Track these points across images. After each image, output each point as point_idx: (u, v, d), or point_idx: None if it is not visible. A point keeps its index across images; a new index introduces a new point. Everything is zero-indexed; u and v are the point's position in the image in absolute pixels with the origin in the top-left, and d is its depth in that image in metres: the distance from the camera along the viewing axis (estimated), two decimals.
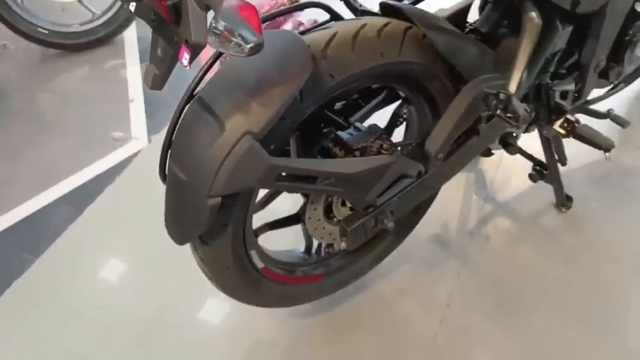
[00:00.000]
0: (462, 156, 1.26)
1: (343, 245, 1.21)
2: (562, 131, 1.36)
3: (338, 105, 1.26)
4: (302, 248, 1.38)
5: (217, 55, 1.03)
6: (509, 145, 1.40)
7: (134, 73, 2.33)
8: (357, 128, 1.17)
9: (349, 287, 1.47)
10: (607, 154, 1.32)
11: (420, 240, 1.62)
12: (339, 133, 1.16)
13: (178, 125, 1.02)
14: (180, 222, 1.04)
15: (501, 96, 1.08)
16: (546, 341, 1.40)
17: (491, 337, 1.41)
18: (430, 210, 1.54)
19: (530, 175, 1.65)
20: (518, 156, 1.66)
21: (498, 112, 1.12)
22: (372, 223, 1.19)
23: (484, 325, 1.43)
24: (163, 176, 1.05)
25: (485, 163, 1.85)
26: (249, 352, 1.40)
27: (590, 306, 1.47)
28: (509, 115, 1.13)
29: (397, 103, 1.32)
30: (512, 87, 1.12)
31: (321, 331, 1.44)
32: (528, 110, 1.11)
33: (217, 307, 1.48)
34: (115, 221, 1.73)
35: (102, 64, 2.41)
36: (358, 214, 1.18)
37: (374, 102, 1.25)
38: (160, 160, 1.05)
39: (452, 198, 1.74)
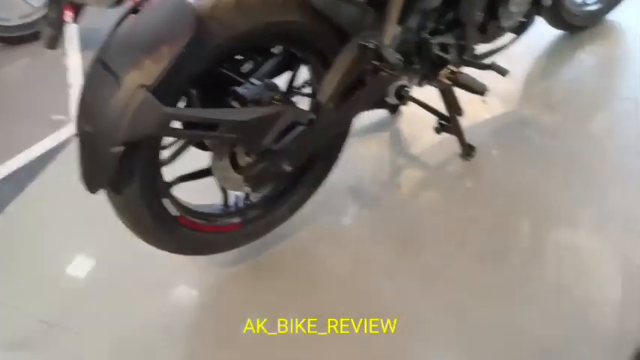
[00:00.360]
0: (353, 105, 1.41)
1: (247, 190, 1.35)
2: (447, 81, 1.52)
3: (246, 68, 1.40)
4: (221, 201, 1.52)
5: (119, 21, 1.16)
6: (402, 97, 1.55)
7: (73, 60, 2.44)
8: (253, 84, 1.31)
9: (271, 236, 1.62)
10: (483, 97, 1.48)
11: (337, 191, 1.77)
12: (237, 88, 1.30)
13: (85, 84, 1.15)
14: (91, 171, 1.17)
15: (371, 45, 1.23)
16: (445, 271, 1.56)
17: (398, 270, 1.57)
18: (347, 165, 1.71)
19: (435, 129, 1.82)
20: (429, 114, 1.84)
21: (373, 61, 1.28)
22: (271, 168, 1.34)
23: (391, 261, 1.59)
24: None
25: (401, 121, 2.01)
26: (175, 300, 1.53)
27: (487, 240, 1.63)
28: (383, 63, 1.29)
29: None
30: (384, 39, 1.27)
31: (243, 276, 1.58)
32: (401, 59, 1.27)
33: (145, 260, 1.58)
34: (56, 195, 1.85)
35: (42, 53, 2.51)
36: (257, 160, 1.33)
37: (271, 61, 1.39)
38: (76, 117, 1.18)
39: (368, 154, 1.90)
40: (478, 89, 1.46)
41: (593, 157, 1.85)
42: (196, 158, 1.44)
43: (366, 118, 1.95)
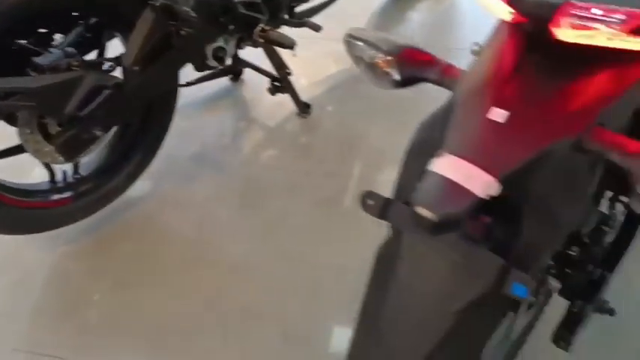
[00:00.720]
0: (163, 67, 1.44)
1: (62, 160, 1.37)
2: (260, 39, 1.59)
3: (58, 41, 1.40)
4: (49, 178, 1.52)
5: None
6: (220, 59, 1.61)
7: None
8: (52, 53, 1.32)
9: (114, 207, 1.63)
10: (293, 51, 1.57)
11: (180, 159, 1.81)
12: (35, 58, 1.30)
13: None
14: None
15: (157, 4, 1.28)
16: (284, 221, 1.64)
17: (241, 226, 1.63)
18: (190, 134, 1.76)
19: (268, 90, 1.89)
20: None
21: (171, 22, 1.33)
22: (82, 135, 1.35)
23: (235, 219, 1.66)
24: None
25: (243, 88, 2.08)
26: (13, 285, 1.51)
27: (321, 188, 1.73)
28: (180, 23, 1.34)
29: None
30: None
31: (88, 250, 1.58)
32: (194, 16, 1.32)
33: None
34: None
35: None
36: (66, 128, 1.34)
37: (75, 32, 1.40)
38: None
39: (211, 121, 1.95)
40: (287, 44, 1.55)
41: (421, 104, 1.99)
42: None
43: (209, 87, 2.00)
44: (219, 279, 1.51)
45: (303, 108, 1.93)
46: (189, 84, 1.86)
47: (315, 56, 2.10)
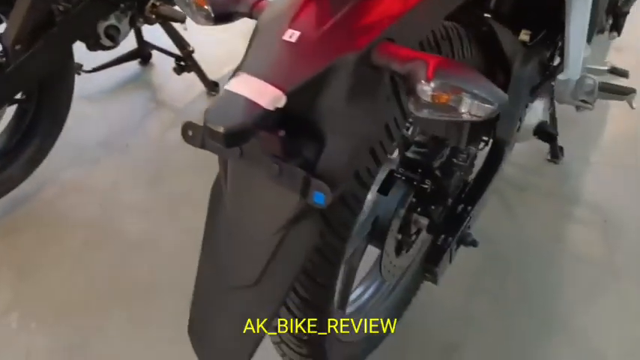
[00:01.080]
0: (48, 45, 1.42)
1: None
2: (153, 16, 1.60)
3: None
4: None
5: None
6: (112, 37, 1.61)
7: None
8: None
9: (16, 196, 1.61)
10: (184, 25, 1.59)
11: (85, 145, 1.80)
12: None
13: None
14: None
15: None
16: (191, 198, 1.64)
17: (147, 205, 1.64)
18: (98, 120, 1.75)
19: (174, 70, 1.90)
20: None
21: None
22: None
23: (139, 198, 1.66)
24: None
25: (152, 71, 2.08)
26: None
27: None
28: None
29: None
30: None
31: None
32: None
33: None
34: None
35: None
36: None
37: None
38: None
39: (119, 107, 1.95)
40: (179, 18, 1.57)
41: None
42: None
43: (119, 72, 1.99)
44: (124, 258, 1.51)
45: (211, 86, 1.94)
46: (94, 70, 1.86)
47: (220, 33, 2.10)
